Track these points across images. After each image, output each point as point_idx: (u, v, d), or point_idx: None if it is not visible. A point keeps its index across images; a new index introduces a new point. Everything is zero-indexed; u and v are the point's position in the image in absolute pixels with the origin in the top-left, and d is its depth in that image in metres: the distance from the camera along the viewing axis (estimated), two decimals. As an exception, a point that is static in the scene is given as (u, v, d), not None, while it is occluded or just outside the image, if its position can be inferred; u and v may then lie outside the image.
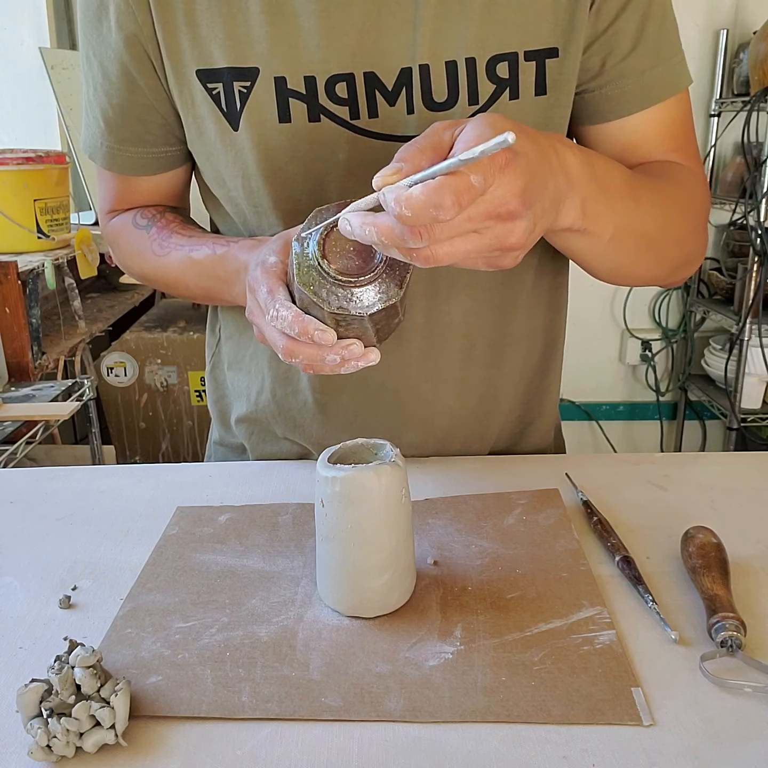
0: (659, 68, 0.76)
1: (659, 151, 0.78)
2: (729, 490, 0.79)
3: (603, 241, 0.65)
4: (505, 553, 0.68)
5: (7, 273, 1.83)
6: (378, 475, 0.57)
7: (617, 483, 0.81)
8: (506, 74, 0.70)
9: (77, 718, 0.48)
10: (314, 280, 0.56)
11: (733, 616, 0.56)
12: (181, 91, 0.73)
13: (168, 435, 2.41)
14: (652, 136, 0.78)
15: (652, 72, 0.75)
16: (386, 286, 0.56)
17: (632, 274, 0.78)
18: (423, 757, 0.48)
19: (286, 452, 0.91)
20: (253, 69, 0.69)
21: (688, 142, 0.81)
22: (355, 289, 0.55)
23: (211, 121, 0.73)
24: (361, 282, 0.55)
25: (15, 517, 0.77)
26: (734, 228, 2.68)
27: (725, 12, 2.63)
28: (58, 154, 2.07)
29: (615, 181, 0.64)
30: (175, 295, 0.87)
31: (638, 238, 0.70)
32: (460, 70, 0.69)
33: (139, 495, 0.80)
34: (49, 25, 2.49)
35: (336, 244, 0.56)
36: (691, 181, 0.78)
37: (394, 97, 0.70)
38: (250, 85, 0.70)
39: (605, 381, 3.00)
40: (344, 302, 0.55)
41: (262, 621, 0.60)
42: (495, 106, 0.71)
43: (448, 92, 0.70)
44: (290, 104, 0.70)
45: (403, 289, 0.56)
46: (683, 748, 0.48)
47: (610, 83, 0.75)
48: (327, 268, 0.55)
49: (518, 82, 0.71)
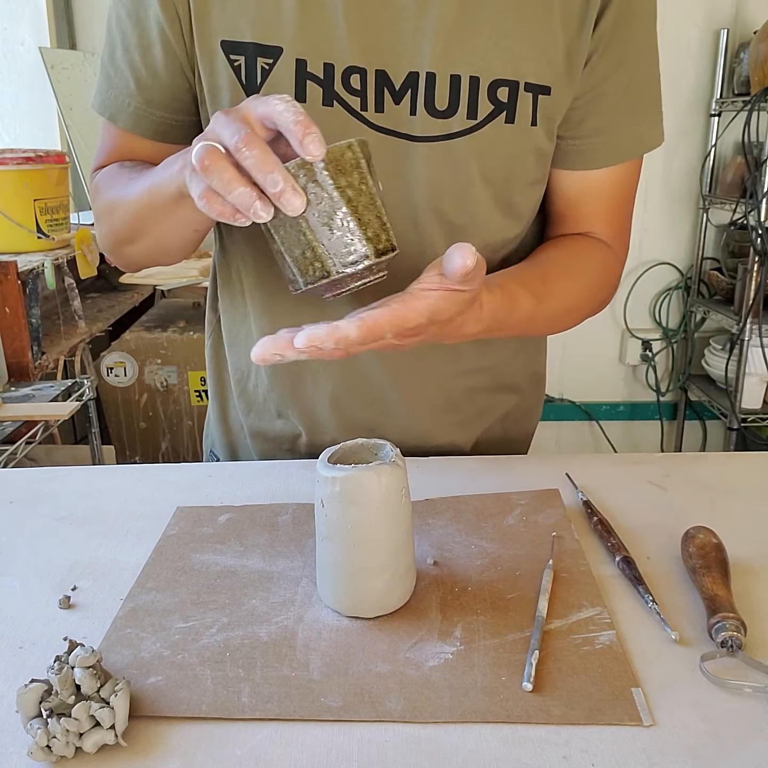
0: (632, 131, 0.83)
1: (597, 218, 0.87)
2: (729, 490, 0.79)
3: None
4: (505, 553, 0.68)
5: (7, 273, 1.83)
6: (378, 475, 0.57)
7: (617, 483, 0.81)
8: (505, 99, 0.75)
9: (77, 718, 0.48)
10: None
11: (733, 617, 0.56)
12: (202, 59, 0.75)
13: (168, 435, 2.41)
14: (594, 197, 0.85)
15: (624, 134, 0.82)
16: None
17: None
18: (423, 757, 0.48)
19: (278, 431, 0.92)
20: (278, 48, 0.73)
21: (623, 213, 0.89)
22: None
23: (228, 91, 0.75)
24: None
25: (15, 517, 0.77)
26: (734, 228, 2.68)
27: (725, 12, 2.63)
28: (58, 154, 2.07)
29: (516, 317, 0.74)
30: (130, 232, 0.81)
31: (541, 326, 0.85)
32: (463, 85, 0.74)
33: (139, 495, 0.80)
34: (49, 25, 2.49)
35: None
36: (609, 269, 0.89)
37: (400, 96, 0.74)
38: (273, 63, 0.73)
39: (605, 381, 3.00)
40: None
41: (262, 621, 0.60)
42: (491, 125, 0.76)
43: (449, 103, 0.74)
44: (307, 86, 0.73)
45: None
46: (683, 748, 0.48)
47: (585, 138, 0.82)
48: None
49: (515, 109, 0.76)
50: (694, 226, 2.82)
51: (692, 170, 2.77)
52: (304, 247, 0.58)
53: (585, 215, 0.86)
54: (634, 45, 0.79)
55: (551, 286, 0.78)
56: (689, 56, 2.67)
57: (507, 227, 0.83)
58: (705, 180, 2.71)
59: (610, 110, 0.80)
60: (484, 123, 0.75)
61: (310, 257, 0.58)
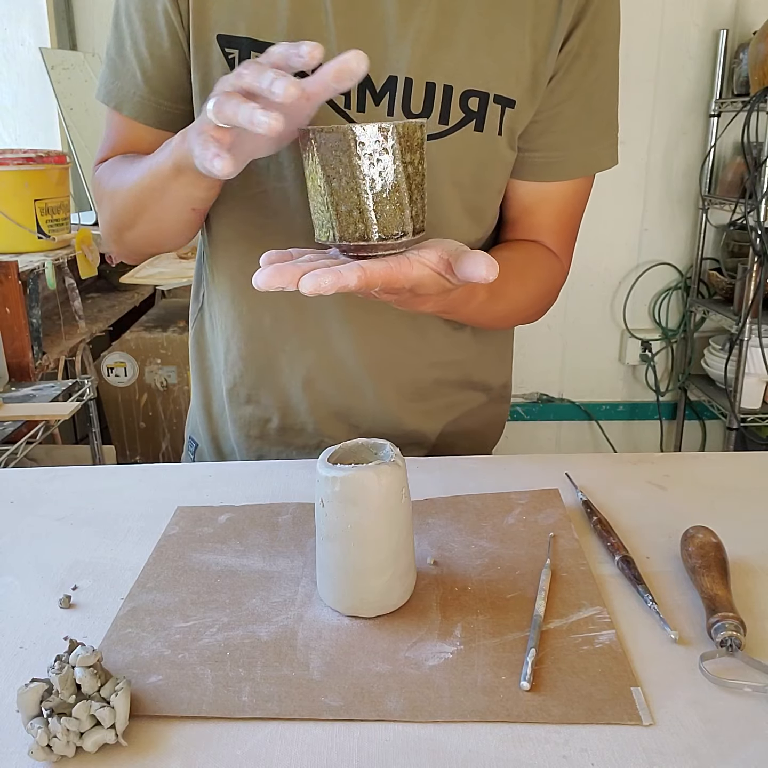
0: (584, 150, 0.87)
1: (547, 228, 0.92)
2: (729, 490, 0.79)
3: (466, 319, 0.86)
4: (505, 552, 0.68)
5: (8, 273, 1.83)
6: (378, 475, 0.57)
7: (617, 483, 0.81)
8: (476, 108, 0.80)
9: (77, 717, 0.48)
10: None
11: (732, 616, 0.56)
12: (198, 51, 0.79)
13: (168, 435, 2.41)
14: (547, 207, 0.90)
15: (576, 152, 0.87)
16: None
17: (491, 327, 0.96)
18: (423, 757, 0.48)
19: (248, 417, 0.94)
20: (271, 44, 0.75)
21: (571, 228, 0.93)
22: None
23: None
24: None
25: (15, 517, 0.77)
26: (734, 228, 2.68)
27: (725, 12, 2.63)
28: (59, 154, 2.07)
29: (469, 308, 0.79)
30: (130, 215, 0.83)
31: (486, 321, 0.89)
32: (437, 92, 0.79)
33: (139, 495, 0.80)
34: (50, 26, 2.49)
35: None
36: (557, 279, 0.94)
37: (380, 98, 0.79)
38: None
39: (605, 381, 3.00)
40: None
41: (262, 621, 0.60)
42: (461, 131, 0.80)
43: (423, 107, 0.79)
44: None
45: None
46: (683, 748, 0.48)
47: (541, 151, 0.86)
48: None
49: (485, 118, 0.81)
50: (694, 226, 2.82)
51: (692, 170, 2.77)
52: (353, 206, 0.59)
53: (537, 224, 0.91)
54: (595, 70, 0.83)
55: (505, 286, 0.81)
56: (689, 56, 2.67)
57: (472, 230, 0.88)
58: (704, 180, 2.71)
59: (566, 129, 0.85)
60: (454, 129, 0.80)
61: (356, 217, 0.60)
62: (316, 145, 0.59)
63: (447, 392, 0.96)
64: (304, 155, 0.61)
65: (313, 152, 0.60)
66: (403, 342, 0.90)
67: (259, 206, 0.84)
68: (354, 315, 0.87)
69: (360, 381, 0.90)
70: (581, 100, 0.84)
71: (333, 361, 0.89)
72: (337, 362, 0.89)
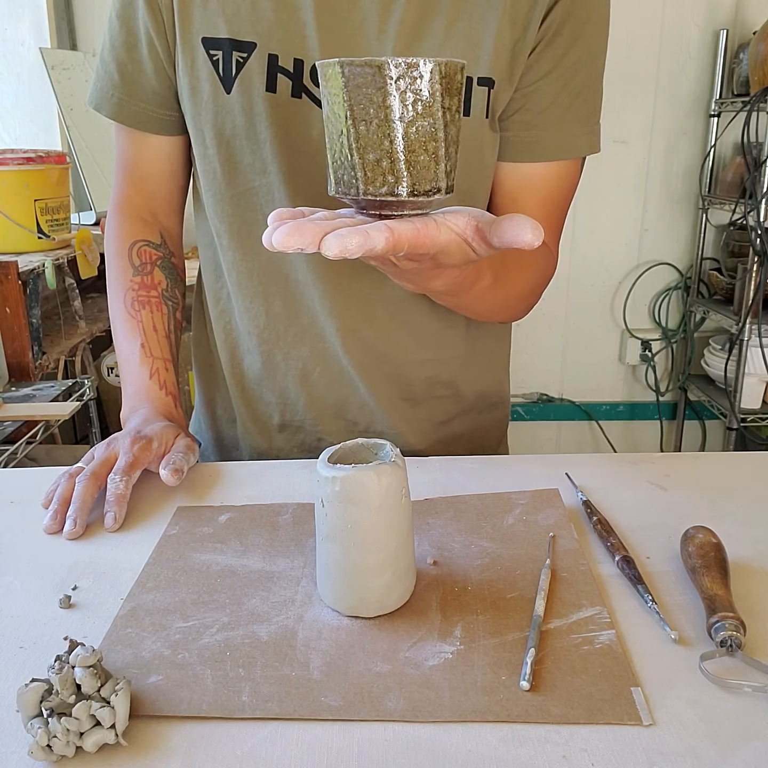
0: (560, 133, 0.85)
1: (531, 215, 0.90)
2: (729, 490, 0.79)
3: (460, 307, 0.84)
4: (505, 552, 0.68)
5: (8, 273, 1.83)
6: (378, 475, 0.57)
7: (617, 483, 0.81)
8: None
9: (77, 717, 0.48)
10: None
11: (732, 616, 0.56)
12: (184, 54, 0.82)
13: (168, 435, 2.40)
14: (530, 193, 0.88)
15: (551, 134, 0.85)
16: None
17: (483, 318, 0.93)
18: (423, 757, 0.48)
19: (250, 414, 0.96)
20: (252, 43, 0.80)
21: (558, 215, 0.91)
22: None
23: (208, 83, 0.82)
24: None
25: (15, 517, 0.77)
26: (734, 228, 2.68)
27: (725, 12, 2.63)
28: (59, 154, 2.07)
29: (474, 291, 0.75)
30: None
31: (486, 309, 0.86)
32: None
33: (139, 495, 0.80)
34: (50, 26, 2.49)
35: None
36: (549, 268, 0.91)
37: None
38: (247, 57, 0.80)
39: (605, 381, 3.00)
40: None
41: (262, 621, 0.60)
42: None
43: None
44: (278, 78, 0.80)
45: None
46: (683, 748, 0.48)
47: (515, 131, 0.85)
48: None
49: (471, 102, 0.81)
50: (694, 226, 2.82)
51: (692, 170, 2.77)
52: (382, 155, 0.52)
53: (521, 211, 0.86)
54: (576, 51, 0.82)
55: (507, 273, 0.79)
56: (689, 56, 2.67)
57: None
58: (704, 180, 2.71)
59: (542, 109, 0.84)
60: None
61: (385, 168, 0.52)
62: (344, 81, 0.50)
63: (439, 392, 0.95)
64: (325, 93, 0.53)
65: (338, 89, 0.51)
66: (391, 338, 0.90)
67: (247, 203, 0.86)
68: (341, 309, 0.87)
69: (352, 375, 0.91)
70: (560, 81, 0.83)
71: (326, 355, 0.90)
72: (330, 356, 0.90)
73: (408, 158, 0.52)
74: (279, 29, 0.79)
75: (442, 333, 0.93)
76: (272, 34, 0.79)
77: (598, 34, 0.83)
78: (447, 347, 0.94)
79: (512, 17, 0.79)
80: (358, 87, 0.50)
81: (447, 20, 0.79)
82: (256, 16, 0.79)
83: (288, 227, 0.50)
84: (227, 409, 0.98)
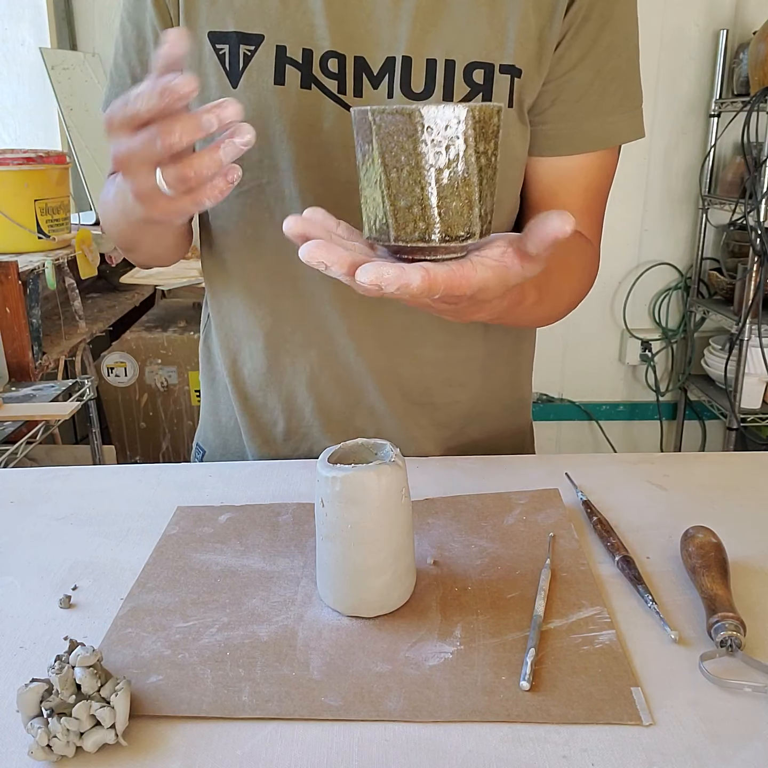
0: (598, 121, 0.83)
1: (573, 210, 0.89)
2: (729, 490, 0.79)
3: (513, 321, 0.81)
4: (505, 552, 0.68)
5: (8, 273, 1.83)
6: (378, 475, 0.57)
7: (617, 483, 0.81)
8: (481, 81, 0.77)
9: (77, 717, 0.48)
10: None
11: (732, 616, 0.56)
12: (192, 50, 0.79)
13: (168, 435, 2.41)
14: (570, 186, 0.85)
15: (589, 123, 0.83)
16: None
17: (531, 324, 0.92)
18: (423, 757, 0.48)
19: (255, 420, 0.93)
20: (259, 35, 0.78)
21: (599, 206, 0.89)
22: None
23: (214, 78, 0.80)
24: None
25: (15, 517, 0.77)
26: (734, 228, 2.68)
27: (725, 12, 2.63)
28: (59, 154, 2.07)
29: (519, 310, 0.72)
30: (125, 243, 0.89)
31: (531, 320, 0.85)
32: (439, 69, 0.77)
33: (139, 495, 0.80)
34: (50, 26, 2.49)
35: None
36: (594, 265, 0.90)
37: (378, 81, 0.78)
38: (254, 49, 0.78)
39: (605, 381, 3.00)
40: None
41: (262, 621, 0.60)
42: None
43: (425, 85, 0.77)
44: (286, 70, 0.78)
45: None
46: (683, 748, 0.48)
47: (552, 123, 0.83)
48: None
49: (492, 91, 0.78)
50: (694, 226, 2.82)
51: (692, 170, 2.77)
52: (414, 201, 0.52)
53: (562, 206, 0.84)
54: (606, 36, 0.79)
55: (549, 280, 0.77)
56: (689, 56, 2.67)
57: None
58: (704, 180, 2.72)
59: (577, 98, 0.81)
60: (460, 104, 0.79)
61: (417, 214, 0.52)
62: (375, 128, 0.51)
63: (455, 396, 0.92)
64: (358, 140, 0.53)
65: (370, 137, 0.52)
66: (405, 338, 0.87)
67: (254, 201, 0.83)
68: (352, 312, 0.85)
69: (363, 379, 0.88)
70: (593, 68, 0.80)
71: (335, 359, 0.87)
72: (339, 360, 0.87)
73: (440, 204, 0.52)
74: (287, 19, 0.77)
75: (458, 332, 0.89)
76: (280, 24, 0.78)
77: (628, 15, 0.80)
78: (464, 347, 0.90)
79: (537, 3, 0.76)
80: (390, 135, 0.51)
81: (467, 5, 0.76)
82: (263, 7, 0.78)
83: (316, 243, 0.51)
84: (231, 417, 0.97)
